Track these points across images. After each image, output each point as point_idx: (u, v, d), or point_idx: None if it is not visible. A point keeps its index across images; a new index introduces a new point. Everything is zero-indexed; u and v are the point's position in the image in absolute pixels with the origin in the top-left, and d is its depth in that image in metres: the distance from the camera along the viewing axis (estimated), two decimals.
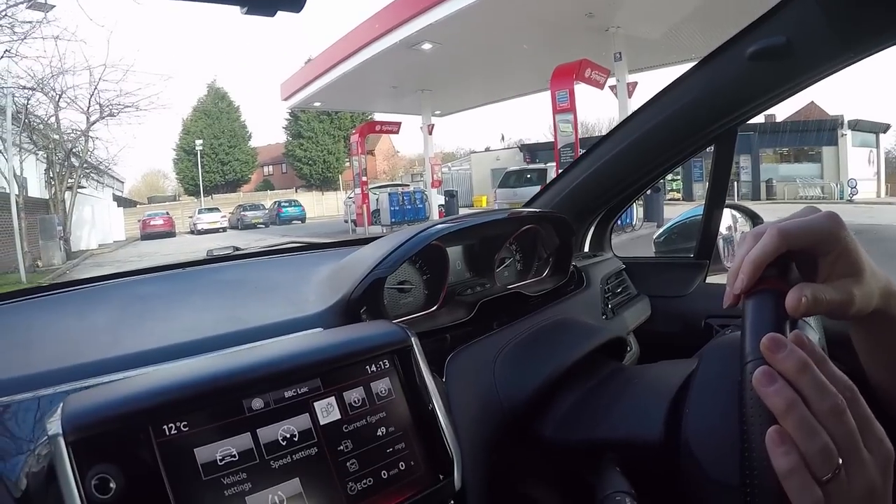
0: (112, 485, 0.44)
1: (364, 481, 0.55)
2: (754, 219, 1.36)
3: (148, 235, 26.99)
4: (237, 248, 1.30)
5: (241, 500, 0.49)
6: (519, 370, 0.80)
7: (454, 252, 1.05)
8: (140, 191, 59.08)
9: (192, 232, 28.71)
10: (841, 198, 26.08)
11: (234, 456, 0.50)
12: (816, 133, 27.74)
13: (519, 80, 16.91)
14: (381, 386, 0.60)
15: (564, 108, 11.36)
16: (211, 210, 30.51)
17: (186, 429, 0.49)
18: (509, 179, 17.20)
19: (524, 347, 0.85)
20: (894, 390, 0.58)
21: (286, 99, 19.82)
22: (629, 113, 1.24)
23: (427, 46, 13.43)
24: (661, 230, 1.50)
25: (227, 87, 69.74)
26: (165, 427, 0.48)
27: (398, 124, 19.91)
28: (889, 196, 28.47)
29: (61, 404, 0.48)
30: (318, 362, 0.58)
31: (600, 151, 1.25)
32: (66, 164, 17.04)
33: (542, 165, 17.82)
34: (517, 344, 0.86)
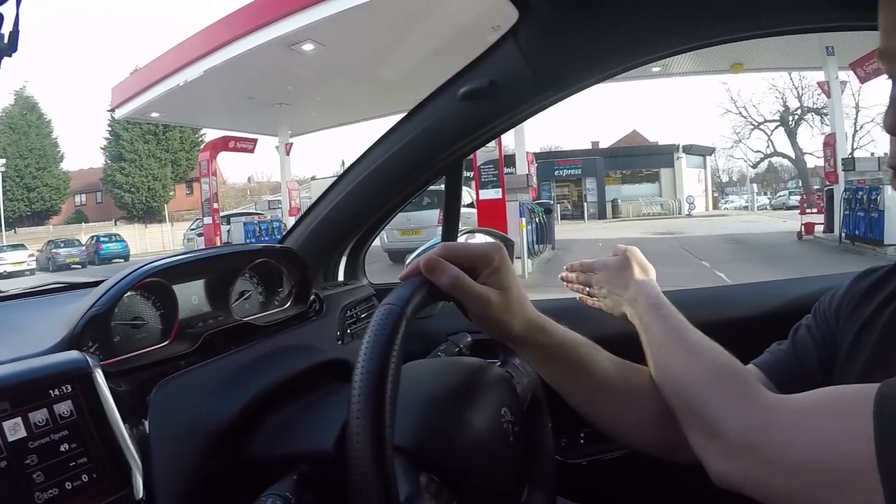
0: None
1: (49, 492, 0.64)
2: (505, 241, 1.53)
3: None
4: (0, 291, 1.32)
5: None
6: (228, 392, 0.90)
7: (189, 287, 1.13)
8: None
9: None
10: (679, 213, 30.20)
11: None
12: (656, 157, 32.36)
13: (395, 97, 14.99)
14: (64, 408, 0.69)
15: None
16: (15, 247, 26.56)
17: None
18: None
19: (237, 372, 0.95)
20: (568, 396, 0.80)
21: (116, 107, 17.43)
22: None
23: (309, 47, 12.58)
24: (412, 256, 1.68)
25: (39, 95, 62.58)
26: None
27: (254, 141, 18.75)
28: (714, 210, 34.85)
29: None
30: (3, 388, 0.67)
31: (340, 187, 1.41)
32: None
33: (437, 187, 16.94)
34: (232, 370, 0.96)
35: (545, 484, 0.92)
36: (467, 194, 16.46)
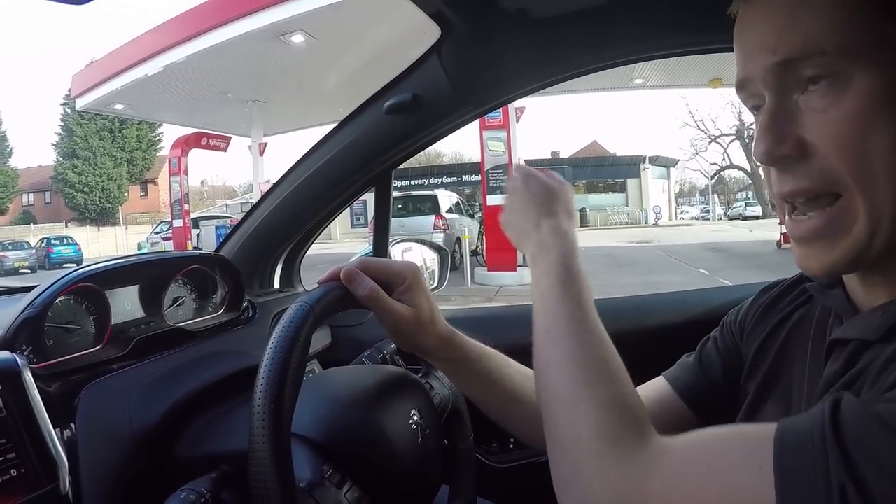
0: None
1: None
2: (440, 252, 1.60)
3: None
4: None
5: None
6: (154, 395, 0.95)
7: (123, 293, 1.18)
8: None
9: None
10: (646, 222, 31.15)
11: None
12: (623, 167, 33.51)
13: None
14: None
15: (496, 124, 11.08)
16: None
17: None
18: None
19: (165, 376, 1.01)
20: (492, 413, 0.88)
21: (77, 97, 16.37)
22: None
23: (298, 39, 11.83)
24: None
25: None
26: None
27: (227, 139, 18.39)
28: (677, 219, 36.63)
29: None
30: None
31: (273, 197, 1.47)
32: None
33: (430, 192, 16.21)
34: (160, 374, 1.01)
35: (466, 490, 0.98)
36: (450, 200, 16.07)
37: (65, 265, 25.37)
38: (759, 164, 0.63)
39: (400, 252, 1.56)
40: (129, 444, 0.89)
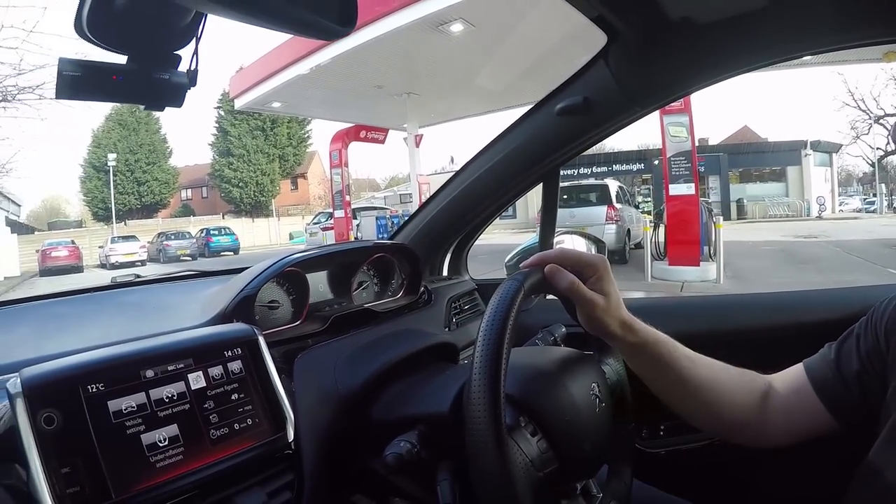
0: (55, 420, 0.73)
1: (222, 430, 0.86)
2: (597, 243, 1.68)
3: (49, 270, 24.31)
4: (138, 276, 1.62)
5: (138, 437, 0.79)
6: (355, 365, 1.10)
7: (316, 276, 1.36)
8: (40, 216, 54.74)
9: (103, 265, 26.69)
10: (807, 214, 28.42)
11: (134, 407, 0.80)
12: (781, 154, 30.55)
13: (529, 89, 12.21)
14: (235, 366, 0.92)
15: (677, 108, 10.33)
16: (127, 239, 28.14)
17: (102, 388, 0.78)
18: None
19: (363, 349, 1.17)
20: (666, 395, 0.97)
21: (236, 97, 17.30)
22: None
23: (458, 28, 11.33)
24: (510, 255, 1.77)
25: None
26: (89, 386, 0.78)
27: (385, 132, 18.39)
28: (838, 211, 32.61)
29: (17, 374, 0.76)
30: (189, 348, 0.89)
31: (448, 191, 1.61)
32: None
33: (601, 182, 15.54)
34: (358, 346, 1.17)
35: (624, 471, 1.05)
36: (619, 190, 15.11)
37: (222, 253, 27.80)
38: None
39: (553, 244, 1.63)
40: (336, 405, 1.05)
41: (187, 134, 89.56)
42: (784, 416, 0.94)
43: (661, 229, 11.56)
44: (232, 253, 28.77)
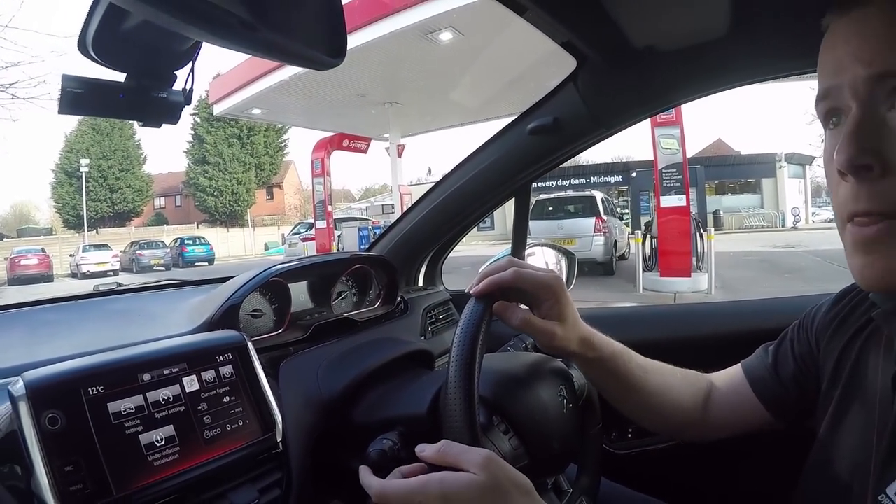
0: (59, 421, 0.78)
1: (215, 430, 0.92)
2: (567, 255, 1.76)
3: (18, 279, 24.01)
4: (120, 284, 1.67)
5: (136, 437, 0.83)
6: (336, 372, 1.17)
7: (297, 286, 1.41)
8: (8, 222, 53.36)
9: (74, 275, 26.18)
10: (782, 225, 28.92)
11: (132, 409, 0.85)
12: (755, 166, 31.43)
13: (508, 100, 12.96)
14: (226, 370, 0.98)
15: (668, 120, 10.39)
16: (99, 247, 27.41)
17: (102, 390, 0.83)
18: (543, 210, 14.63)
19: (343, 356, 1.22)
20: (619, 403, 1.03)
21: (215, 103, 17.16)
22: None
23: (446, 37, 11.46)
24: (483, 266, 1.87)
25: None
26: (90, 389, 0.82)
27: (368, 141, 18.31)
28: (810, 222, 32.68)
29: (19, 377, 0.80)
30: (184, 353, 0.95)
31: (423, 204, 1.68)
32: None
33: (589, 193, 15.49)
34: (339, 354, 1.23)
35: (592, 469, 1.13)
36: (605, 201, 15.17)
37: (197, 264, 27.17)
38: (842, 170, 0.62)
39: (524, 256, 1.70)
40: (319, 408, 1.11)
41: (162, 140, 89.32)
42: (724, 413, 1.02)
43: (649, 240, 11.67)
44: (207, 263, 28.39)
